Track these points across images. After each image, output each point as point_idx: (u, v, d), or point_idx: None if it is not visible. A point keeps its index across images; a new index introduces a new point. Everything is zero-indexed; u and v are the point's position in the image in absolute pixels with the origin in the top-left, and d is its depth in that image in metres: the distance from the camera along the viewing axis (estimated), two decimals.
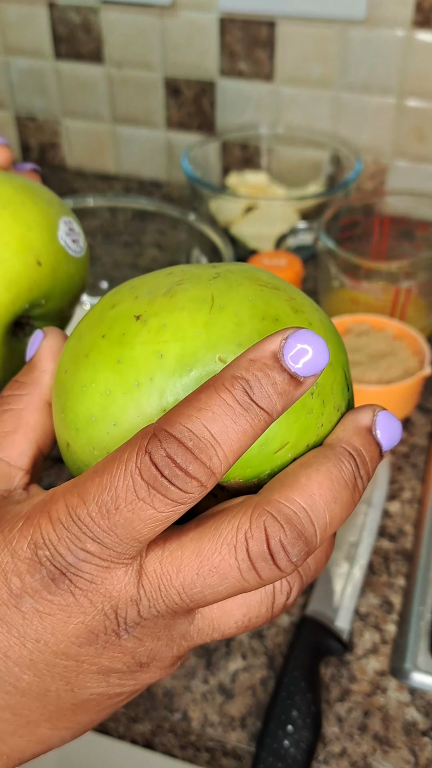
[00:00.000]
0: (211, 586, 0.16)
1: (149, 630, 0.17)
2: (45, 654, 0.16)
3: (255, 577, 0.16)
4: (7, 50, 0.78)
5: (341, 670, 0.36)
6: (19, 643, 0.16)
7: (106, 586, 0.16)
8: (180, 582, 0.16)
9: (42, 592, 0.16)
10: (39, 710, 0.17)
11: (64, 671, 0.17)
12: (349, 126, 0.69)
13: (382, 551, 0.41)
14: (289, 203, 0.63)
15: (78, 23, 0.73)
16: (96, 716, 0.19)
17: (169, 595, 0.16)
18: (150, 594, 0.16)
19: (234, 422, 0.15)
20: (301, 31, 0.66)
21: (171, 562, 0.16)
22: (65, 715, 0.18)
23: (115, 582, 0.16)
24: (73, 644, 0.16)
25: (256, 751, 0.32)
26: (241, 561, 0.15)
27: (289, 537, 0.15)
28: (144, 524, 0.15)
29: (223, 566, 0.16)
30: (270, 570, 0.15)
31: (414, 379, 0.47)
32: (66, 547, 0.16)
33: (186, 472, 0.15)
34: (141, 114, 0.77)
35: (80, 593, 0.16)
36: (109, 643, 0.17)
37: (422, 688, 0.35)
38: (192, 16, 0.68)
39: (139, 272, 0.62)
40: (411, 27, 0.63)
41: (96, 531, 0.15)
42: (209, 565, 0.16)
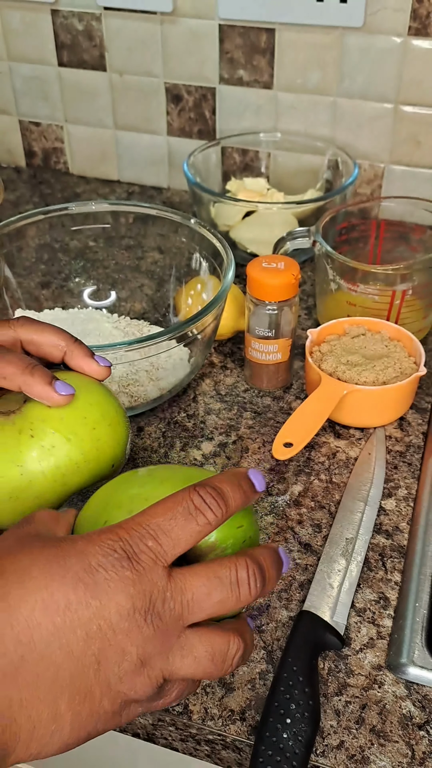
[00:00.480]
0: (208, 591, 0.26)
1: (159, 628, 0.25)
2: (97, 618, 0.24)
3: (237, 587, 0.26)
4: (10, 57, 0.79)
5: (339, 665, 0.37)
6: (84, 605, 0.24)
7: (152, 575, 0.25)
8: (193, 585, 0.26)
9: (111, 568, 0.24)
10: (68, 678, 0.24)
11: (102, 639, 0.24)
12: (347, 132, 0.70)
13: (378, 548, 0.42)
14: (288, 208, 0.64)
15: (80, 30, 0.74)
16: (95, 716, 0.25)
17: (184, 595, 0.25)
18: (173, 591, 0.25)
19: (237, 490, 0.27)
20: (299, 39, 0.67)
21: (190, 573, 0.26)
22: (80, 695, 0.24)
23: (157, 574, 0.25)
24: (119, 615, 0.24)
25: (255, 744, 0.32)
26: (232, 576, 0.26)
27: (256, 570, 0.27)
28: (187, 533, 0.26)
29: (223, 576, 0.26)
30: (244, 586, 0.26)
31: (409, 380, 0.48)
32: (134, 540, 0.25)
33: (218, 503, 0.26)
34: (142, 120, 0.78)
35: (135, 573, 0.24)
36: (137, 624, 0.24)
37: (418, 682, 0.36)
38: (192, 23, 0.70)
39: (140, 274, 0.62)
40: (407, 35, 0.64)
41: (158, 532, 0.25)
42: (213, 575, 0.26)
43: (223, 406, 0.52)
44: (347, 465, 0.47)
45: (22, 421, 0.34)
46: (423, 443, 0.49)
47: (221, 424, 0.51)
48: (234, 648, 0.27)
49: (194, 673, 0.26)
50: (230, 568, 0.26)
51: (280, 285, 0.48)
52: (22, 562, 0.24)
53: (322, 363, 0.50)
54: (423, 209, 0.58)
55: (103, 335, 0.55)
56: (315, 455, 0.48)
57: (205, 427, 0.50)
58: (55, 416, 0.34)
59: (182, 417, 0.51)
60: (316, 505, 0.45)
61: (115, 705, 0.25)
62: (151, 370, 0.49)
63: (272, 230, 0.63)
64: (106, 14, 0.72)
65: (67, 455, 0.33)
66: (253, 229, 0.65)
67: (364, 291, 0.53)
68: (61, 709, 0.24)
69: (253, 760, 0.32)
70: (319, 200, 0.63)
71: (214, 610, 0.26)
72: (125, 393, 0.49)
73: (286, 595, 0.40)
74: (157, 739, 0.37)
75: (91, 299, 0.61)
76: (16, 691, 0.23)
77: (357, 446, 0.49)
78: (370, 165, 0.71)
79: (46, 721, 0.24)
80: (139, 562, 0.25)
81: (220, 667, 0.27)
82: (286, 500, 0.45)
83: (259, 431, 0.50)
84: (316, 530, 0.43)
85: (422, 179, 0.70)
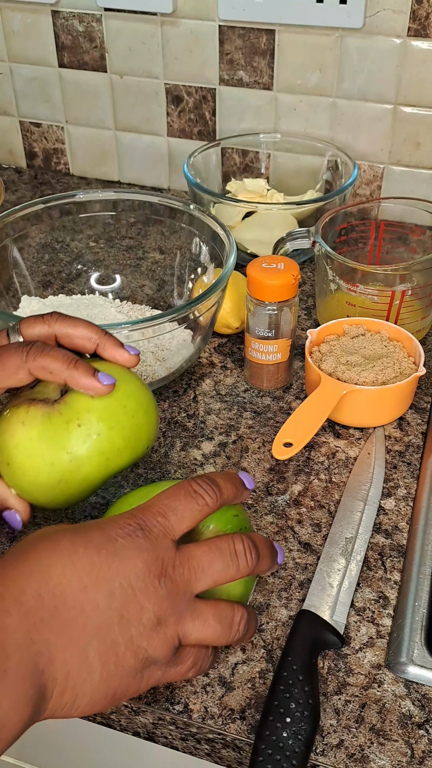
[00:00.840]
0: (211, 559, 0.30)
1: (172, 590, 0.29)
2: (118, 577, 0.28)
3: (235, 558, 0.31)
4: (11, 58, 0.79)
5: (338, 664, 0.37)
6: (107, 566, 0.28)
7: (162, 544, 0.29)
8: (198, 554, 0.30)
9: (128, 537, 0.29)
10: (95, 628, 0.27)
11: (123, 596, 0.28)
12: (347, 133, 0.71)
13: (377, 547, 0.42)
14: (288, 209, 0.64)
15: (81, 31, 0.75)
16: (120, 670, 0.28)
17: (191, 562, 0.30)
18: (181, 559, 0.30)
19: (229, 483, 0.33)
20: (299, 40, 0.67)
21: (194, 545, 0.31)
22: (105, 645, 0.28)
23: (166, 545, 0.30)
24: (136, 575, 0.28)
25: (255, 742, 0.32)
26: (230, 548, 0.31)
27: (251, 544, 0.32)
28: (190, 511, 0.31)
29: (222, 548, 0.31)
30: (242, 557, 0.31)
31: (408, 380, 0.48)
32: (146, 516, 0.30)
33: (213, 489, 0.32)
34: (143, 121, 0.78)
35: (148, 541, 0.29)
36: (152, 585, 0.28)
37: (418, 681, 0.36)
38: (193, 24, 0.70)
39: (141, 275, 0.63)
40: (407, 36, 0.64)
41: (165, 510, 0.30)
42: (214, 547, 0.31)
43: (223, 406, 0.52)
44: (347, 465, 0.47)
45: (69, 412, 0.36)
46: (422, 443, 0.49)
47: (221, 424, 0.51)
48: (239, 614, 0.31)
49: (204, 636, 0.30)
50: (228, 541, 0.31)
51: (279, 285, 0.49)
52: (52, 537, 0.29)
53: (321, 363, 0.50)
54: (422, 210, 0.58)
55: (108, 319, 0.57)
56: (315, 455, 0.48)
57: (205, 427, 0.50)
58: (99, 406, 0.37)
59: (182, 417, 0.51)
60: (315, 505, 0.45)
61: (138, 661, 0.28)
62: (157, 351, 0.51)
63: (272, 231, 0.63)
64: (107, 15, 0.72)
65: (110, 442, 0.37)
66: (252, 229, 0.66)
67: (363, 291, 0.53)
68: (90, 656, 0.27)
69: (253, 758, 0.32)
70: (319, 201, 0.63)
71: (217, 577, 0.30)
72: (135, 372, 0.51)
73: (286, 594, 0.40)
74: (158, 738, 0.37)
75: (97, 284, 0.62)
76: (52, 635, 0.27)
77: (356, 446, 0.49)
78: (370, 166, 0.71)
79: (78, 666, 0.27)
80: (151, 532, 0.29)
81: (227, 631, 0.30)
82: (286, 500, 0.45)
83: (259, 431, 0.50)
84: (316, 530, 0.43)
85: (422, 180, 0.70)
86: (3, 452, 0.37)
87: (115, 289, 0.62)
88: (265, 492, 0.46)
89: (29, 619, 0.26)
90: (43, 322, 0.38)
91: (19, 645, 0.26)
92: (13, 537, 0.43)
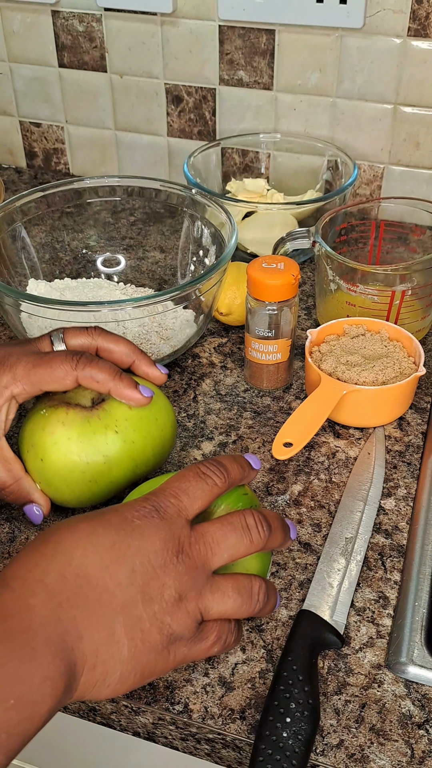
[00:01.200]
0: (224, 533, 0.31)
1: (190, 566, 0.30)
2: (138, 555, 0.29)
3: (247, 531, 0.32)
4: (11, 58, 0.79)
5: (338, 664, 0.37)
6: (126, 545, 0.29)
7: (176, 523, 0.31)
8: (211, 530, 0.31)
9: (144, 518, 0.30)
10: (120, 605, 0.28)
11: (144, 573, 0.29)
12: (347, 133, 0.71)
13: (377, 547, 0.42)
14: (288, 209, 0.64)
15: (81, 31, 0.75)
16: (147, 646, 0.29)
17: (205, 538, 0.31)
18: (195, 536, 0.31)
19: (235, 464, 0.34)
20: (299, 40, 0.67)
21: (207, 523, 0.32)
22: (131, 621, 0.29)
23: (180, 524, 0.31)
24: (155, 552, 0.30)
25: (255, 742, 0.32)
26: (242, 522, 0.32)
27: (261, 518, 0.33)
28: (200, 491, 0.32)
29: (234, 522, 0.32)
30: (254, 531, 0.32)
31: (408, 380, 0.48)
32: (159, 498, 0.31)
33: (220, 470, 0.33)
34: (143, 121, 0.78)
35: (164, 521, 0.31)
36: (171, 561, 0.30)
37: (418, 681, 0.36)
38: (193, 24, 0.70)
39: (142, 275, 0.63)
40: (407, 36, 0.64)
41: (177, 491, 0.32)
42: (226, 522, 0.32)
43: (223, 406, 0.52)
44: (347, 465, 0.47)
45: (107, 418, 0.40)
46: (422, 443, 0.49)
47: (221, 424, 0.51)
48: (257, 584, 0.32)
49: (225, 608, 0.31)
50: (240, 516, 0.32)
51: (279, 285, 0.49)
52: (71, 523, 0.30)
53: (321, 363, 0.50)
54: (422, 210, 0.58)
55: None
56: (315, 455, 0.48)
57: (205, 427, 0.50)
58: (135, 416, 0.40)
59: (182, 417, 0.52)
60: (315, 505, 0.45)
61: (163, 636, 0.29)
62: (161, 330, 0.53)
63: (272, 231, 0.63)
64: (107, 15, 0.72)
65: (142, 449, 0.40)
66: (252, 229, 0.66)
67: (363, 291, 0.53)
68: (118, 632, 0.28)
69: (253, 758, 0.32)
70: (319, 201, 0.63)
71: (232, 551, 0.31)
72: None
73: (286, 594, 0.40)
74: (158, 738, 0.37)
75: (103, 267, 0.64)
76: (78, 612, 0.28)
77: (356, 446, 0.49)
78: (370, 166, 0.71)
79: (106, 642, 0.28)
80: (165, 513, 0.31)
81: (247, 602, 0.31)
82: (286, 500, 0.45)
83: (259, 431, 0.50)
84: (316, 530, 0.43)
85: (422, 180, 0.70)
86: (39, 447, 0.40)
87: (119, 271, 0.64)
88: (265, 492, 0.46)
89: (54, 598, 0.27)
90: (87, 334, 0.41)
91: (46, 623, 0.27)
92: (12, 538, 0.43)
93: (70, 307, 0.47)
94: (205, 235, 0.58)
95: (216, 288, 0.52)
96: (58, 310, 0.47)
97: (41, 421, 0.40)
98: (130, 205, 0.63)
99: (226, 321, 0.59)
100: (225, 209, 0.55)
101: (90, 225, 0.63)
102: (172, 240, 0.63)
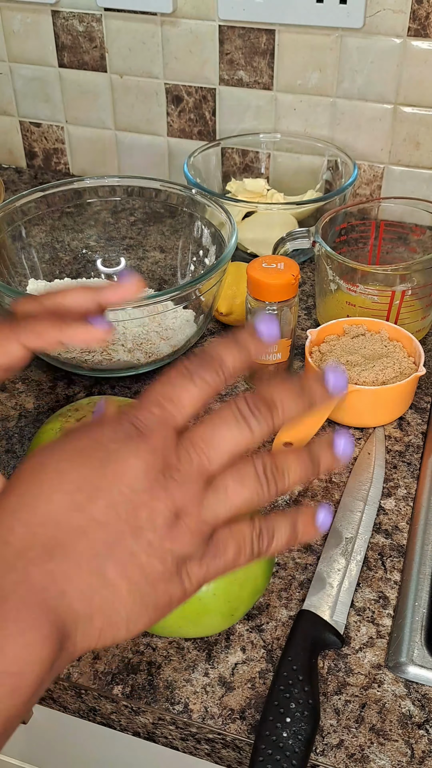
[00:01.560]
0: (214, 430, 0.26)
1: (182, 480, 0.25)
2: (116, 484, 0.25)
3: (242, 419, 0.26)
4: (11, 58, 0.79)
5: (338, 664, 0.37)
6: (100, 476, 0.25)
7: (159, 435, 0.26)
8: (200, 432, 0.26)
9: (120, 440, 0.26)
10: (105, 546, 0.25)
11: (126, 503, 0.25)
12: (347, 133, 0.71)
13: (377, 547, 0.42)
14: (288, 209, 0.64)
15: (81, 31, 0.75)
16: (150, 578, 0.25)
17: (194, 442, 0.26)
18: (183, 443, 0.26)
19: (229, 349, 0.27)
20: (299, 40, 0.67)
21: (195, 425, 0.26)
22: (124, 560, 0.25)
23: (164, 434, 0.26)
24: (136, 476, 0.25)
25: (255, 742, 0.32)
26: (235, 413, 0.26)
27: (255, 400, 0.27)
28: (187, 394, 0.26)
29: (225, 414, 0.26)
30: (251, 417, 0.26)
31: (408, 380, 0.48)
32: (139, 411, 0.26)
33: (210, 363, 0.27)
34: (143, 121, 0.78)
35: (142, 436, 0.26)
36: (156, 481, 0.25)
37: (418, 681, 0.36)
38: (193, 24, 0.70)
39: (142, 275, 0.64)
40: (407, 36, 0.64)
41: (160, 400, 0.26)
42: (215, 417, 0.26)
43: None
44: (347, 465, 0.47)
45: None
46: (422, 443, 0.49)
47: None
48: (259, 464, 0.26)
49: (234, 503, 0.26)
50: (230, 405, 0.26)
51: (279, 285, 0.49)
52: (37, 460, 0.26)
53: (321, 363, 0.50)
54: (422, 210, 0.58)
55: None
56: None
57: None
58: None
59: None
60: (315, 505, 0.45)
61: (168, 564, 0.25)
62: (161, 330, 0.54)
63: (272, 231, 0.63)
64: (107, 15, 0.72)
65: None
66: (253, 229, 0.66)
67: (363, 291, 0.53)
68: (111, 576, 0.25)
69: (253, 758, 0.32)
70: (319, 201, 0.63)
71: (230, 447, 0.26)
72: (140, 350, 0.53)
73: (286, 594, 0.40)
74: (157, 738, 0.37)
75: (103, 267, 0.64)
76: (55, 564, 0.24)
77: (357, 446, 0.49)
78: (370, 166, 0.71)
79: (98, 588, 0.25)
80: (146, 427, 0.26)
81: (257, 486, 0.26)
82: (286, 500, 0.45)
83: None
84: None
85: (422, 180, 0.70)
86: None
87: (119, 271, 0.64)
88: None
89: (24, 556, 0.24)
90: (34, 299, 0.36)
91: (17, 586, 0.24)
92: None
93: None
94: (205, 235, 0.58)
95: (216, 288, 0.52)
96: None
97: None
98: (130, 205, 0.63)
99: (226, 321, 0.59)
100: (225, 209, 0.55)
101: (90, 225, 0.63)
102: (172, 240, 0.63)
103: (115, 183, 0.61)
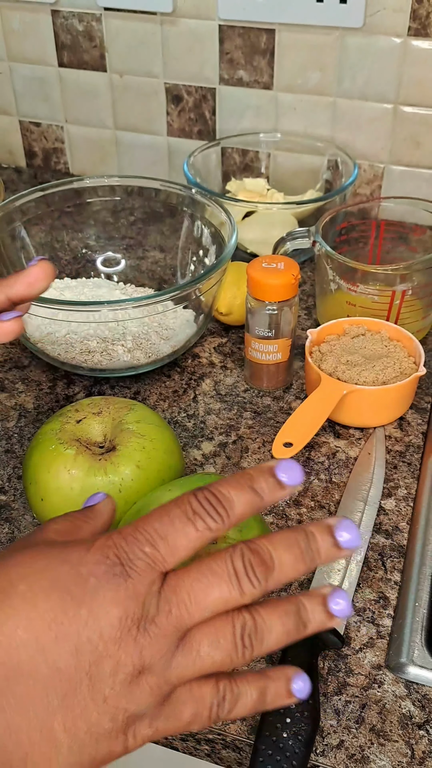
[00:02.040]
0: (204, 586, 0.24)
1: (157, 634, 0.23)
2: (86, 629, 0.23)
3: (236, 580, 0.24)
4: (10, 57, 0.79)
5: (338, 664, 0.37)
6: (72, 616, 0.23)
7: (145, 580, 0.23)
8: (187, 584, 0.24)
9: (103, 575, 0.23)
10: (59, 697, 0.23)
11: (93, 652, 0.23)
12: (347, 132, 0.71)
13: (378, 547, 0.42)
14: (288, 208, 0.64)
15: (81, 31, 0.74)
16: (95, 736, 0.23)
17: (178, 595, 0.24)
18: (167, 593, 0.24)
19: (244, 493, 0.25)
20: (299, 39, 0.67)
21: (183, 571, 0.24)
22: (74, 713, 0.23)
23: (150, 579, 0.23)
24: (110, 624, 0.23)
25: (255, 743, 0.32)
26: (228, 568, 0.24)
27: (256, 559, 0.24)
28: (185, 539, 0.24)
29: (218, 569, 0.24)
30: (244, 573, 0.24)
31: (409, 380, 0.48)
32: (129, 546, 0.24)
33: (218, 509, 0.24)
34: (143, 121, 0.78)
35: (127, 579, 0.23)
36: (129, 633, 0.23)
37: (418, 681, 0.36)
38: (192, 23, 0.70)
39: (141, 274, 0.63)
40: (407, 35, 0.64)
41: (155, 537, 0.24)
42: (207, 570, 0.24)
43: (223, 406, 0.52)
44: (347, 465, 0.47)
45: (114, 473, 0.40)
46: (422, 443, 0.49)
47: (221, 424, 0.51)
48: (239, 623, 0.24)
49: (203, 666, 0.24)
50: (225, 559, 0.24)
51: (280, 285, 0.48)
52: (11, 575, 0.24)
53: (321, 363, 0.50)
54: (423, 209, 0.58)
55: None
56: (315, 455, 0.48)
57: (205, 427, 0.50)
58: (142, 476, 0.40)
59: (182, 417, 0.51)
60: (315, 505, 0.45)
61: (117, 722, 0.23)
62: (161, 330, 0.53)
63: (272, 230, 0.63)
64: (106, 15, 0.72)
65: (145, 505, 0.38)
66: (253, 229, 0.66)
67: (363, 291, 0.53)
68: (56, 730, 0.23)
69: (253, 759, 0.32)
70: (319, 200, 0.63)
71: (215, 606, 0.24)
72: (140, 350, 0.53)
73: (286, 594, 0.40)
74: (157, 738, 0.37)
75: (102, 267, 0.64)
76: (3, 715, 0.22)
77: (357, 446, 0.49)
78: (370, 165, 0.71)
79: (40, 745, 0.22)
80: (132, 568, 0.24)
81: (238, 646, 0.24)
82: (286, 500, 0.45)
83: (259, 431, 0.50)
84: None
85: (422, 179, 0.70)
86: (41, 486, 0.40)
87: (119, 271, 0.64)
88: None
89: None
90: None
91: None
92: (12, 538, 0.43)
93: (69, 306, 0.47)
94: (205, 235, 0.58)
95: (216, 288, 0.52)
96: (57, 310, 0.47)
97: (47, 458, 0.40)
98: (129, 205, 0.63)
99: (226, 321, 0.59)
100: (225, 209, 0.55)
101: (90, 225, 0.63)
102: (172, 240, 0.63)
103: (115, 182, 0.61)
